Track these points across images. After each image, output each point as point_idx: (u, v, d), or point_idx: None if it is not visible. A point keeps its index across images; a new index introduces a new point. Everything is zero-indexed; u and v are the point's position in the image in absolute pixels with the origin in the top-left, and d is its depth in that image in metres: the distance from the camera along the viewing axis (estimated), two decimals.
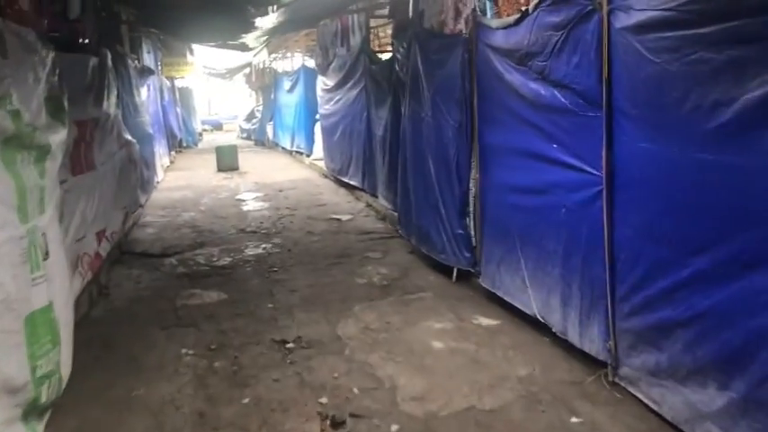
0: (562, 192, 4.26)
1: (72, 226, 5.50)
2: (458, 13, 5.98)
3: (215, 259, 7.47)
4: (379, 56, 10.27)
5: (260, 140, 24.49)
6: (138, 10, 8.99)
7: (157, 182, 13.50)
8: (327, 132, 12.67)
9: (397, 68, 7.61)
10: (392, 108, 8.31)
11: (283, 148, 20.30)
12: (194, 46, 17.56)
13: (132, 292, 6.32)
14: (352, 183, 11.12)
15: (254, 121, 27.16)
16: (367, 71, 9.67)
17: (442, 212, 6.18)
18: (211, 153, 17.45)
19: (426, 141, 6.37)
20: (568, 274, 4.26)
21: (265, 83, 22.89)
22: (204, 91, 36.27)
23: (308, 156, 16.45)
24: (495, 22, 4.93)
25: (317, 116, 15.33)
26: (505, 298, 5.18)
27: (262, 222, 9.43)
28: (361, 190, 10.65)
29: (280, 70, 21.47)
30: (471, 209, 5.90)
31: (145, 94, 12.54)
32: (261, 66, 22.78)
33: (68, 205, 5.42)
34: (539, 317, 4.67)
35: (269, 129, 22.62)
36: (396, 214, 8.52)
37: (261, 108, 26.54)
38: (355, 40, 10.65)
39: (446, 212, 6.13)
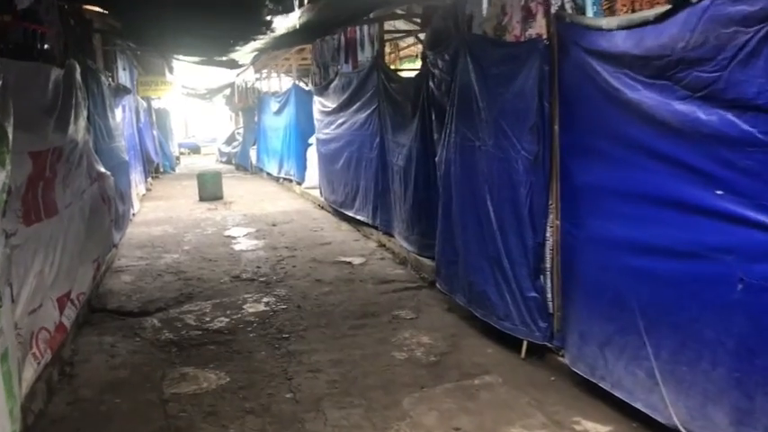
0: (735, 259, 2.94)
1: (23, 294, 4.06)
2: (529, 14, 4.70)
3: (208, 319, 6.03)
4: (397, 72, 8.95)
5: (242, 165, 23.04)
6: (119, 17, 7.61)
7: (133, 214, 12.01)
8: (327, 159, 11.31)
9: (432, 86, 6.30)
10: (419, 134, 7.00)
11: (269, 174, 18.90)
12: (175, 64, 16.15)
13: (105, 373, 4.86)
14: (358, 217, 9.76)
15: (235, 144, 25.73)
16: (381, 90, 8.35)
17: (506, 268, 4.84)
18: (191, 179, 15.95)
19: (484, 177, 5.04)
20: (748, 379, 2.93)
21: (249, 104, 21.50)
22: (181, 112, 34.77)
23: (300, 184, 15.06)
24: (608, 22, 3.63)
25: (311, 141, 14.02)
26: (616, 393, 3.83)
27: (259, 267, 8.01)
28: (371, 226, 9.29)
29: (266, 90, 20.12)
30: (549, 266, 4.57)
31: (120, 115, 11.11)
32: (245, 86, 21.42)
33: (18, 266, 4.00)
34: (681, 429, 3.32)
35: (252, 153, 21.20)
36: (421, 259, 7.19)
37: (242, 131, 25.15)
38: (364, 55, 9.37)
39: (512, 269, 4.79)
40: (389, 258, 8.18)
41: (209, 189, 14.44)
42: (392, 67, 9.76)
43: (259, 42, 7.90)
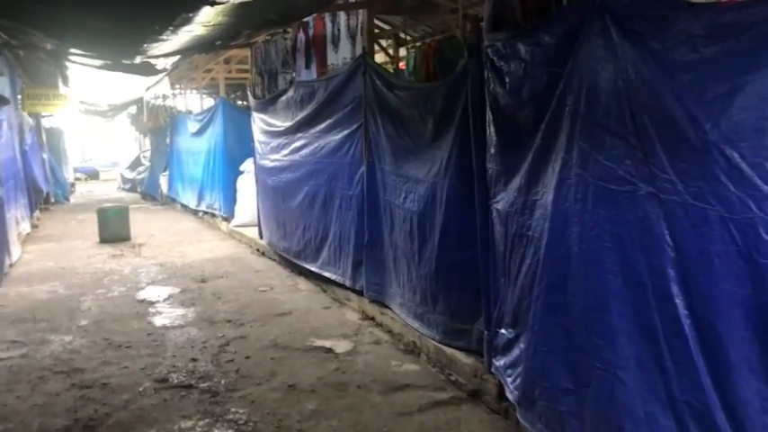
0: None
1: None
2: None
3: None
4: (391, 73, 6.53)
5: (150, 194, 19.92)
6: None
7: (10, 265, 9.02)
8: (274, 194, 8.73)
9: (496, 91, 3.93)
10: (454, 165, 4.62)
11: (184, 206, 16.02)
12: (71, 73, 13.15)
13: None
14: (325, 274, 7.23)
15: (141, 169, 22.53)
16: (371, 101, 5.93)
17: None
18: (89, 211, 12.98)
19: (667, 255, 2.69)
20: None
21: (160, 123, 18.51)
22: (77, 132, 30.93)
23: (227, 220, 12.34)
24: None
25: (243, 167, 11.42)
26: None
27: (195, 359, 5.38)
28: (346, 288, 6.79)
29: (181, 109, 17.26)
30: None
31: None
32: (155, 102, 18.42)
33: None
34: None
35: (163, 180, 18.20)
36: (448, 351, 4.82)
37: (149, 154, 22.03)
38: (339, 56, 6.93)
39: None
40: (388, 342, 5.70)
41: (113, 228, 11.49)
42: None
43: (196, 27, 5.32)
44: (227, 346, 5.69)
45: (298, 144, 7.72)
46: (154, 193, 19.38)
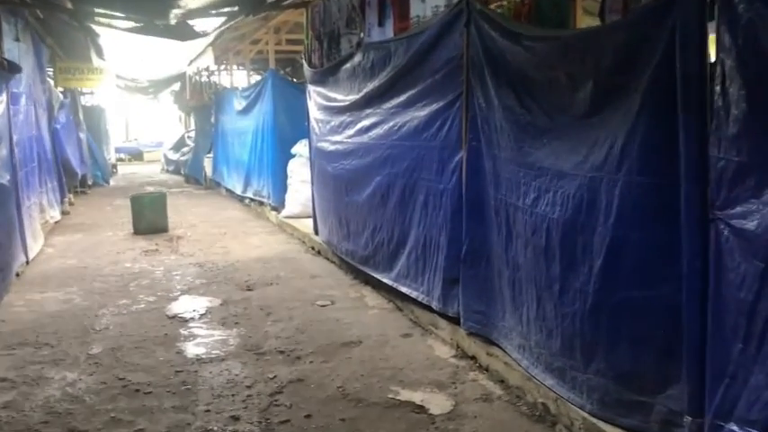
0: None
1: None
2: None
3: None
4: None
5: (193, 177, 18.59)
6: None
7: (26, 262, 7.69)
8: (333, 183, 7.20)
9: (747, 25, 2.26)
10: (641, 151, 2.92)
11: (229, 190, 14.65)
12: (104, 45, 11.75)
13: None
14: (402, 289, 5.64)
15: (185, 150, 21.26)
16: (478, 62, 4.29)
17: None
18: (128, 195, 11.65)
19: None
20: None
21: (204, 101, 17.09)
22: (120, 110, 29.82)
23: (276, 210, 10.87)
24: None
25: (295, 150, 9.91)
26: None
27: (236, 419, 3.85)
28: (432, 310, 5.19)
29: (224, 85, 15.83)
30: None
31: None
32: (199, 78, 16.98)
33: None
34: None
35: (207, 163, 16.85)
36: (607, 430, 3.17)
37: (194, 134, 20.74)
38: (429, 3, 5.30)
39: None
40: (502, 399, 4.08)
41: (148, 218, 10.11)
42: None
43: None
44: (279, 396, 4.17)
45: (367, 123, 6.14)
46: (198, 176, 18.06)
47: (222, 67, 15.47)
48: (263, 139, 11.34)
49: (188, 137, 22.33)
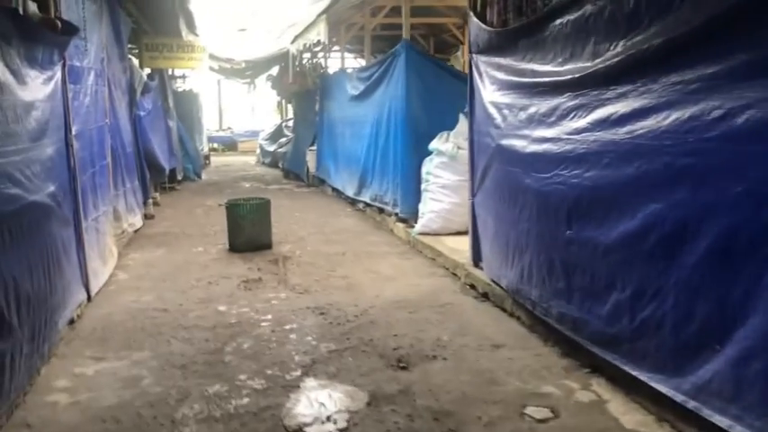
0: None
1: None
2: None
3: None
4: None
5: (293, 172, 16.45)
6: None
7: (87, 299, 5.57)
8: (533, 202, 4.67)
9: None
10: None
11: (336, 190, 12.41)
12: (196, 16, 9.63)
13: None
14: (704, 413, 3.07)
15: (283, 141, 19.22)
16: None
17: None
18: (222, 192, 9.47)
19: None
20: None
21: (308, 86, 14.85)
22: (214, 96, 28.06)
23: (403, 221, 8.50)
24: None
25: (434, 146, 7.50)
26: None
27: None
28: None
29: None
30: None
31: (38, 87, 4.62)
32: (305, 58, 14.69)
33: None
34: None
35: (310, 157, 14.66)
36: None
37: (293, 123, 18.65)
38: None
39: None
40: None
41: (248, 232, 7.88)
42: None
43: None
44: None
45: (619, 108, 3.59)
46: (298, 170, 15.90)
47: (333, 44, 13.15)
48: (387, 130, 8.97)
49: (286, 126, 20.31)
